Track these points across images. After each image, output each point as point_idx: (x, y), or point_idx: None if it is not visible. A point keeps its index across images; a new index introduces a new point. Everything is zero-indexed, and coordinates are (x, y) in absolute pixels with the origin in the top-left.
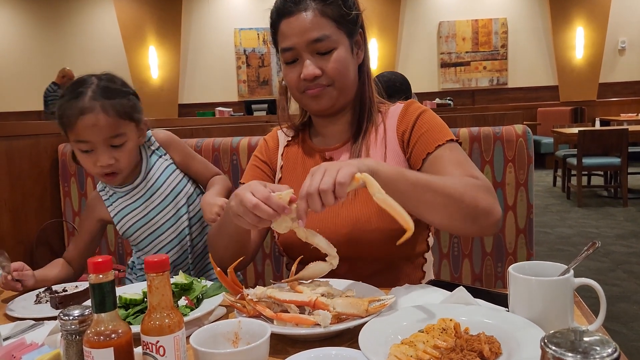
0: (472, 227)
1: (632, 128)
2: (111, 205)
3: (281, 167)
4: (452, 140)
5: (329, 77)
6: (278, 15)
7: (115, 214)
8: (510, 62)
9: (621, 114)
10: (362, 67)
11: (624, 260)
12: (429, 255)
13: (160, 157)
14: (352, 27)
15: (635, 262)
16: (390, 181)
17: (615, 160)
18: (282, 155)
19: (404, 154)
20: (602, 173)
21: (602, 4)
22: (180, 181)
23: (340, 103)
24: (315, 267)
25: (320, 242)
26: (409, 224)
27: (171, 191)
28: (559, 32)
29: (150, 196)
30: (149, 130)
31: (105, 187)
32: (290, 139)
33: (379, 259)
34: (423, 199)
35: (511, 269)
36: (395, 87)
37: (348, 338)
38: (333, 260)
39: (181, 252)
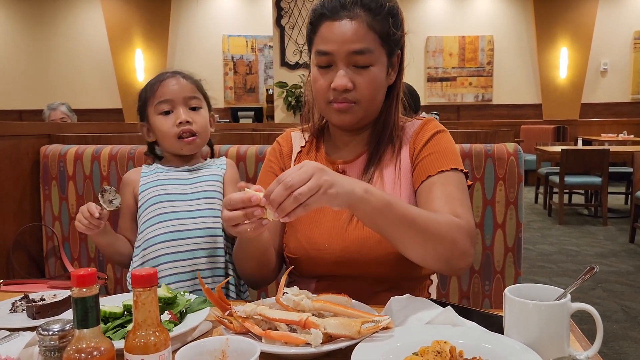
0: (443, 266)
1: (613, 148)
2: (145, 177)
3: None
4: (456, 169)
5: (359, 95)
6: (322, 15)
7: (144, 184)
8: (496, 79)
9: (602, 134)
10: (393, 88)
11: (604, 279)
12: (434, 277)
13: (216, 167)
14: (394, 47)
15: (614, 281)
16: (377, 211)
17: (597, 179)
18: (294, 161)
19: (411, 169)
20: (583, 192)
21: (586, 26)
22: (218, 191)
23: (364, 122)
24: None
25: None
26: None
27: (208, 191)
28: (544, 51)
29: (184, 184)
30: (223, 158)
31: (150, 166)
32: (303, 144)
33: (386, 279)
34: (404, 233)
35: (507, 291)
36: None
37: (339, 359)
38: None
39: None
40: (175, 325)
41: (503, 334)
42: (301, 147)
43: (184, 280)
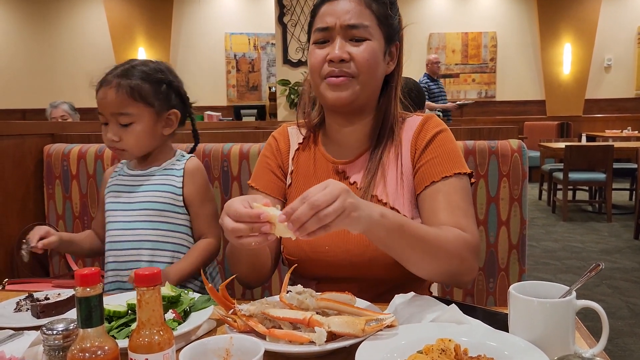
0: (448, 280)
1: (617, 144)
2: (111, 179)
3: (291, 173)
4: (459, 173)
5: (356, 66)
6: (322, 0)
7: (107, 186)
8: (499, 75)
9: (606, 130)
10: (391, 80)
11: (608, 276)
12: None
13: (173, 175)
14: (391, 33)
15: (619, 278)
16: (390, 235)
17: (601, 175)
18: (292, 159)
19: (413, 171)
20: (587, 188)
21: (590, 21)
22: (166, 202)
23: (360, 101)
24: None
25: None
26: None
27: (151, 202)
28: (547, 47)
29: (130, 192)
30: (186, 154)
31: (123, 163)
32: (301, 141)
33: (388, 281)
34: (414, 254)
35: (512, 289)
36: (403, 94)
37: (343, 357)
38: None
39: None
40: (179, 324)
41: (508, 331)
42: (299, 144)
43: (126, 289)
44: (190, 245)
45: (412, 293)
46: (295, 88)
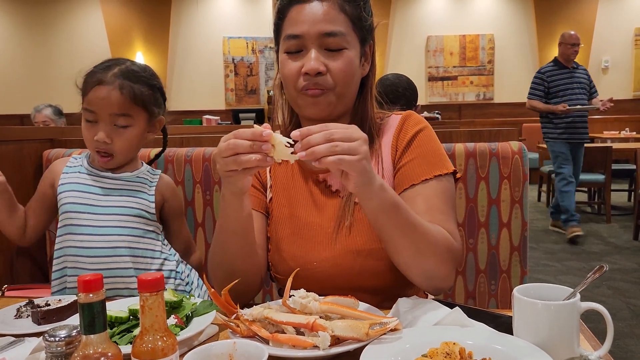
0: (423, 281)
1: (615, 146)
2: (67, 174)
3: (270, 187)
4: (440, 174)
5: (333, 79)
6: (291, 0)
7: (63, 183)
8: (497, 77)
9: (604, 132)
10: (366, 81)
11: (608, 277)
12: None
13: (146, 184)
14: (366, 35)
15: (619, 279)
16: (385, 209)
17: (600, 177)
18: (270, 172)
19: (393, 172)
20: (586, 189)
21: (587, 23)
22: (140, 209)
23: (338, 111)
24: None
25: None
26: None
27: (119, 207)
28: (545, 49)
29: (98, 194)
30: (154, 169)
31: (77, 159)
32: None
33: (382, 289)
34: (401, 238)
35: (516, 291)
36: (398, 92)
37: None
38: None
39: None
40: (182, 329)
41: (512, 334)
42: None
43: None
44: (162, 251)
45: (415, 296)
46: None
